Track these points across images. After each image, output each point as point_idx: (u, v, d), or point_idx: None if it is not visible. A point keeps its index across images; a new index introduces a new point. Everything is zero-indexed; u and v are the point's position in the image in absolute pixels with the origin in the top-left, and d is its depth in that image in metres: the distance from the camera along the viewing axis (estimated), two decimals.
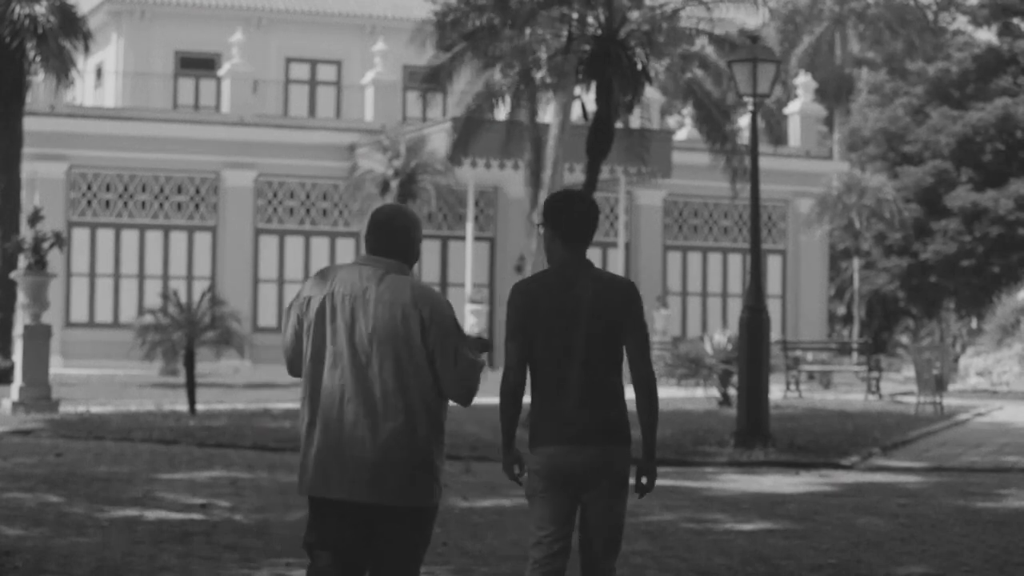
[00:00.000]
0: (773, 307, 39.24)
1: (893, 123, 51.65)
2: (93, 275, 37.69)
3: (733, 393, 23.06)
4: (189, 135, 38.09)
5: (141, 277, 37.88)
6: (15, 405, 21.34)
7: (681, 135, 43.09)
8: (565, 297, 5.80)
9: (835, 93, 56.81)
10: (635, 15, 20.99)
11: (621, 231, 38.26)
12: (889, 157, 51.33)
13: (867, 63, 58.89)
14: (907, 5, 59.36)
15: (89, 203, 37.70)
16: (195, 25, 42.93)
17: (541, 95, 23.00)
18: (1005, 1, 53.75)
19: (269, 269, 38.74)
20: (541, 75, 21.45)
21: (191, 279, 37.56)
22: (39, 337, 22.06)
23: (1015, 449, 18.17)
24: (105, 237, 37.81)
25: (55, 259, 26.08)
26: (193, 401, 20.97)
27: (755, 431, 17.04)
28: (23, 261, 22.57)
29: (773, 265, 41.84)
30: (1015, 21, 54.24)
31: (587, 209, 5.91)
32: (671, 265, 41.19)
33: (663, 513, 11.66)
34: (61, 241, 22.51)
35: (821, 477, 15.09)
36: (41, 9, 29.30)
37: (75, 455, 15.45)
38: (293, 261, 38.82)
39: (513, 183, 37.12)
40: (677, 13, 21.19)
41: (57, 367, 28.83)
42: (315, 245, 39.00)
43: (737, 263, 41.64)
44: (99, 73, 43.99)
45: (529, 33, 20.66)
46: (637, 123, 25.33)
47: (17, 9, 29.08)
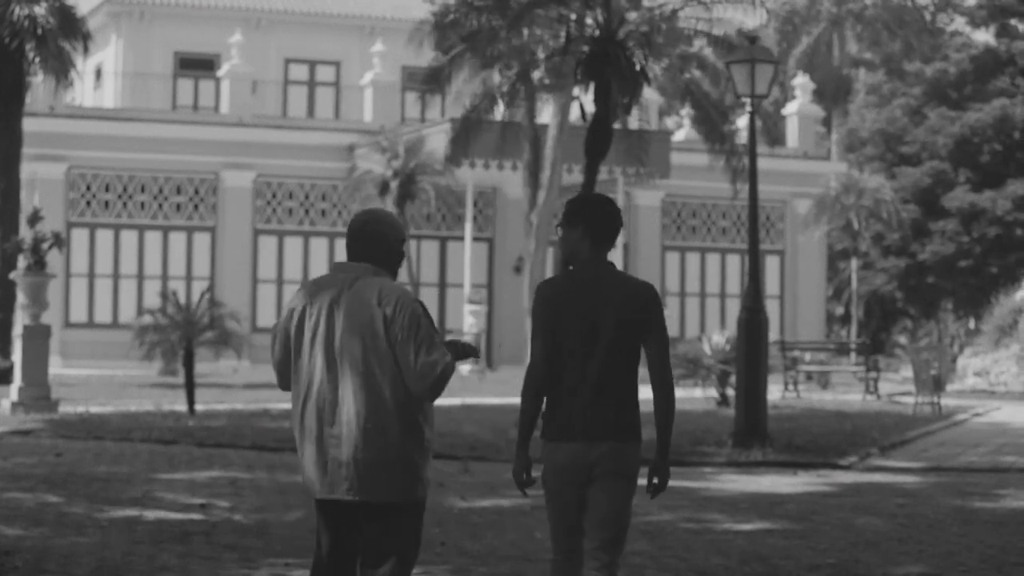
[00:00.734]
0: (771, 307, 39.25)
1: (891, 124, 51.68)
2: (92, 275, 37.70)
3: (731, 393, 23.07)
4: (188, 136, 38.11)
5: (140, 277, 37.90)
6: (15, 405, 21.35)
7: (679, 136, 43.11)
8: (590, 297, 5.94)
9: (833, 94, 56.84)
10: (633, 16, 21.01)
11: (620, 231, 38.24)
12: (887, 158, 51.36)
13: (865, 64, 58.91)
14: (905, 6, 59.39)
15: (88, 204, 37.72)
16: (194, 26, 42.94)
17: (539, 96, 23.03)
18: (1003, 2, 53.78)
19: (268, 269, 38.75)
20: (539, 76, 21.48)
21: (190, 279, 37.58)
22: (38, 337, 22.07)
23: (1013, 449, 18.19)
24: (104, 238, 37.83)
25: (54, 259, 26.07)
26: (192, 401, 20.99)
27: (753, 431, 17.06)
28: (22, 261, 22.58)
29: (771, 266, 41.87)
30: (1013, 22, 54.26)
31: (615, 211, 6.09)
32: (669, 265, 41.21)
33: (662, 513, 11.68)
34: (60, 242, 22.52)
35: (819, 477, 15.11)
36: (41, 10, 29.30)
37: (74, 455, 15.47)
38: (292, 262, 38.83)
39: (512, 184, 37.14)
40: (676, 14, 21.21)
41: (56, 367, 28.83)
42: (314, 246, 39.01)
43: (735, 263, 41.67)
44: (98, 74, 44.00)
45: (527, 34, 20.69)
46: (635, 124, 25.35)
47: (17, 10, 29.08)
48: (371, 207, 6.32)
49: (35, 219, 22.44)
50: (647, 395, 5.86)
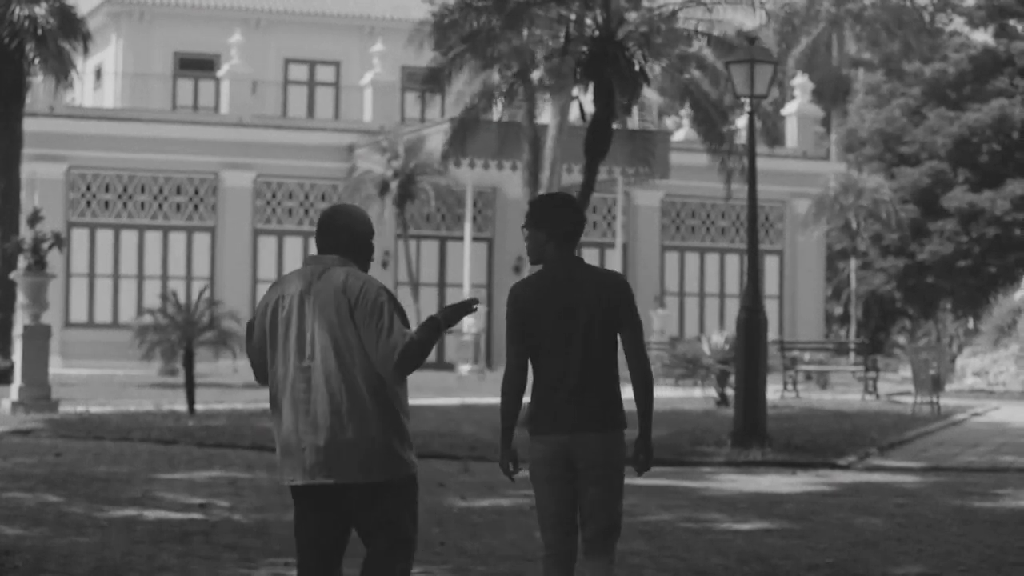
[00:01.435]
0: (770, 307, 39.29)
1: (890, 124, 51.72)
2: (92, 275, 37.73)
3: (730, 393, 23.09)
4: (188, 136, 38.14)
5: (140, 277, 37.93)
6: (15, 405, 21.37)
7: (679, 136, 43.14)
8: (561, 294, 6.09)
9: (832, 94, 56.85)
10: (633, 16, 21.00)
11: (619, 231, 38.30)
12: (886, 158, 51.41)
13: (864, 64, 58.94)
14: (904, 6, 59.40)
15: (88, 204, 37.74)
16: (194, 26, 42.96)
17: (539, 96, 23.03)
18: (1001, 2, 53.83)
19: (268, 269, 38.76)
20: (539, 76, 21.48)
21: (190, 279, 37.60)
22: (39, 337, 22.09)
23: (1012, 449, 18.20)
24: (104, 238, 37.86)
25: (54, 260, 26.10)
26: (192, 401, 21.00)
27: (752, 431, 17.07)
28: (23, 261, 22.60)
29: (770, 266, 41.90)
30: (1011, 22, 54.32)
31: (577, 210, 6.22)
32: (669, 265, 41.24)
33: (660, 513, 11.69)
34: (60, 242, 22.53)
35: (818, 477, 15.12)
36: (41, 10, 29.32)
37: (74, 455, 15.48)
38: (292, 262, 38.83)
39: (511, 184, 37.17)
40: (675, 14, 21.21)
41: (56, 367, 28.86)
42: (314, 246, 39.00)
43: (734, 263, 41.69)
44: (98, 74, 44.02)
45: (527, 34, 20.68)
46: (635, 124, 25.35)
47: (17, 10, 29.11)
48: (343, 203, 6.43)
49: (35, 219, 22.47)
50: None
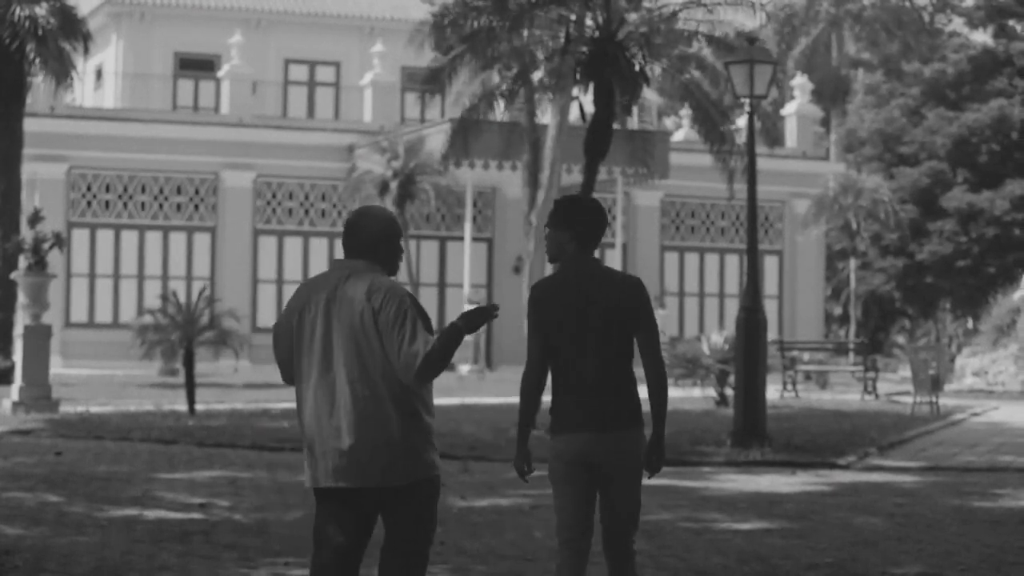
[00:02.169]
0: (770, 307, 39.31)
1: (889, 124, 51.74)
2: (93, 275, 37.75)
3: (730, 393, 23.10)
4: (188, 136, 38.16)
5: (141, 278, 37.94)
6: (15, 405, 21.39)
7: (679, 136, 43.15)
8: (581, 295, 6.21)
9: (831, 94, 56.88)
10: (633, 17, 21.03)
11: (618, 232, 38.31)
12: (885, 158, 51.42)
13: (863, 64, 58.96)
14: (903, 7, 59.44)
15: (89, 204, 37.76)
16: (194, 26, 42.98)
17: (539, 96, 23.05)
18: (1000, 3, 53.84)
19: (268, 270, 38.79)
20: (539, 76, 21.50)
21: (190, 279, 37.61)
22: (39, 337, 22.11)
23: (1011, 449, 18.21)
24: (105, 238, 37.87)
25: (55, 260, 26.10)
26: (192, 401, 21.01)
27: (752, 431, 17.09)
28: (23, 262, 22.61)
29: (770, 266, 41.91)
30: (1010, 23, 54.33)
31: (602, 213, 6.37)
32: (668, 265, 41.25)
33: (660, 512, 11.71)
34: (61, 242, 22.54)
35: (818, 477, 15.13)
36: (41, 11, 29.33)
37: (75, 455, 15.50)
38: (292, 262, 38.87)
39: (511, 184, 37.18)
40: (676, 15, 21.24)
41: (57, 367, 28.87)
42: (314, 246, 39.05)
43: (734, 263, 41.71)
44: (99, 74, 44.04)
45: (527, 35, 20.70)
46: (635, 124, 25.36)
47: (17, 11, 29.12)
48: (368, 204, 6.45)
49: (36, 219, 22.48)
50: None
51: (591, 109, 21.06)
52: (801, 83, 44.37)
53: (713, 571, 9.25)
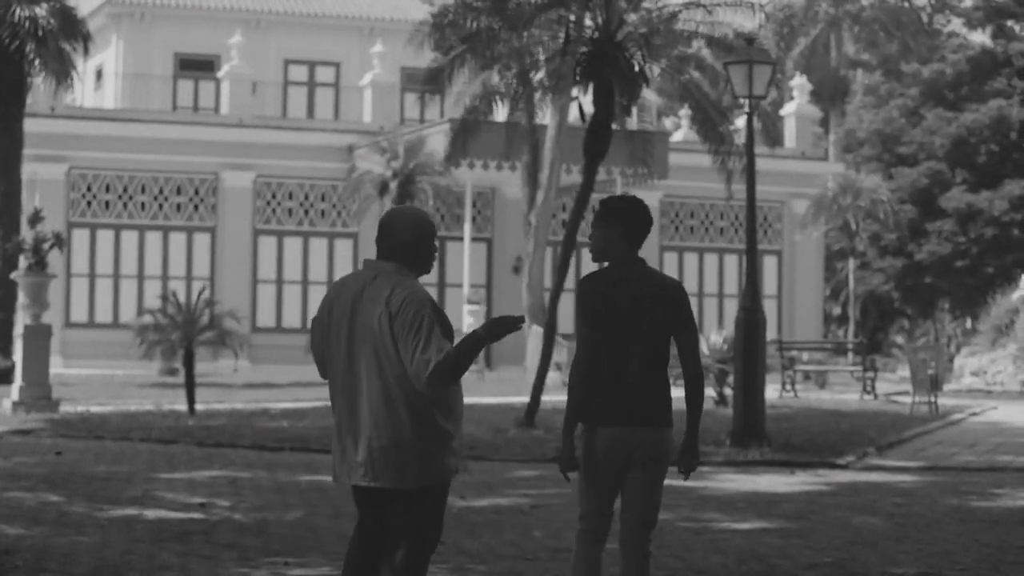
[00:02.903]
0: (769, 307, 39.32)
1: (888, 124, 51.76)
2: (93, 276, 37.76)
3: (729, 393, 23.13)
4: (188, 136, 38.18)
5: (140, 278, 37.96)
6: (15, 405, 21.41)
7: (678, 136, 43.17)
8: (629, 293, 6.37)
9: (830, 95, 56.90)
10: (632, 18, 21.02)
11: None
12: (884, 158, 51.45)
13: (862, 65, 58.99)
14: (902, 7, 59.47)
15: (89, 204, 37.78)
16: (194, 27, 43.00)
17: (539, 97, 23.04)
18: (999, 3, 53.87)
19: (268, 270, 38.81)
20: (539, 77, 21.49)
21: (190, 280, 37.62)
22: (39, 337, 22.12)
23: (1009, 449, 18.24)
24: (105, 238, 37.89)
25: (55, 260, 26.12)
26: (192, 401, 21.03)
27: (751, 431, 17.12)
28: (23, 262, 22.63)
29: (769, 266, 41.93)
30: (1009, 23, 54.36)
31: (649, 213, 6.51)
32: (668, 266, 41.26)
33: (660, 512, 11.72)
34: (61, 242, 22.56)
35: (817, 476, 15.15)
36: (41, 11, 29.36)
37: (75, 455, 15.51)
38: (292, 262, 38.89)
39: (511, 184, 37.20)
40: (675, 16, 21.23)
41: (57, 367, 28.89)
42: (313, 246, 39.07)
43: (733, 264, 41.73)
44: (99, 75, 44.05)
45: (527, 35, 20.70)
46: (634, 125, 25.37)
47: (17, 11, 29.14)
48: (404, 205, 6.51)
49: (36, 219, 22.50)
50: None
51: (590, 109, 21.05)
52: (800, 83, 44.39)
53: (712, 571, 9.27)
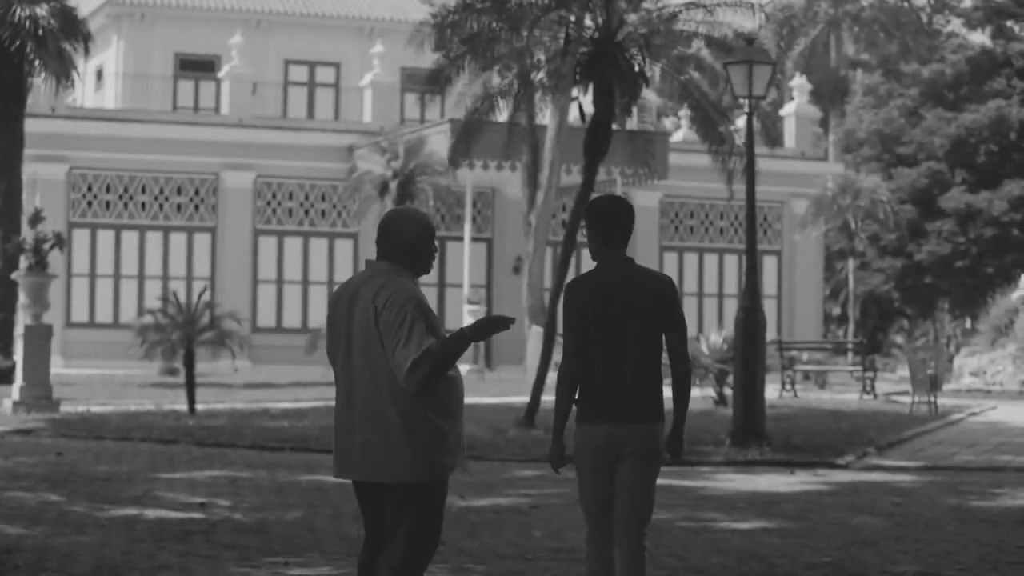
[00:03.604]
0: (768, 307, 39.31)
1: (888, 125, 51.76)
2: (93, 276, 37.78)
3: (729, 393, 23.14)
4: (189, 137, 38.19)
5: (141, 278, 37.97)
6: (16, 405, 21.43)
7: (677, 136, 43.18)
8: (615, 292, 6.41)
9: (830, 95, 56.89)
10: (632, 18, 21.04)
11: None
12: (884, 158, 51.45)
13: (862, 65, 58.99)
14: (901, 8, 59.46)
15: (89, 204, 37.79)
16: (194, 27, 43.01)
17: (539, 97, 23.05)
18: (999, 4, 53.88)
19: (268, 270, 38.83)
20: (539, 77, 21.50)
21: (191, 280, 37.64)
22: (40, 337, 22.14)
23: (1009, 448, 18.25)
24: (105, 238, 37.91)
25: (56, 260, 26.13)
26: (192, 401, 21.05)
27: (751, 431, 17.13)
28: (24, 262, 22.65)
29: (769, 266, 41.94)
30: (1008, 24, 54.36)
31: (622, 212, 6.51)
32: (667, 266, 41.27)
33: (659, 512, 11.68)
34: (62, 242, 22.59)
35: (816, 476, 15.17)
36: (42, 11, 29.37)
37: (75, 454, 15.53)
38: (292, 262, 38.91)
39: (511, 184, 37.22)
40: (675, 16, 21.25)
41: (58, 367, 28.90)
42: (314, 246, 39.09)
43: (733, 264, 41.74)
44: (99, 75, 44.06)
45: (527, 36, 20.71)
46: (634, 125, 25.37)
47: (18, 11, 29.16)
48: (404, 206, 6.63)
49: (36, 219, 22.52)
50: None
51: (590, 110, 21.07)
52: (800, 84, 44.40)
53: (712, 570, 9.29)
